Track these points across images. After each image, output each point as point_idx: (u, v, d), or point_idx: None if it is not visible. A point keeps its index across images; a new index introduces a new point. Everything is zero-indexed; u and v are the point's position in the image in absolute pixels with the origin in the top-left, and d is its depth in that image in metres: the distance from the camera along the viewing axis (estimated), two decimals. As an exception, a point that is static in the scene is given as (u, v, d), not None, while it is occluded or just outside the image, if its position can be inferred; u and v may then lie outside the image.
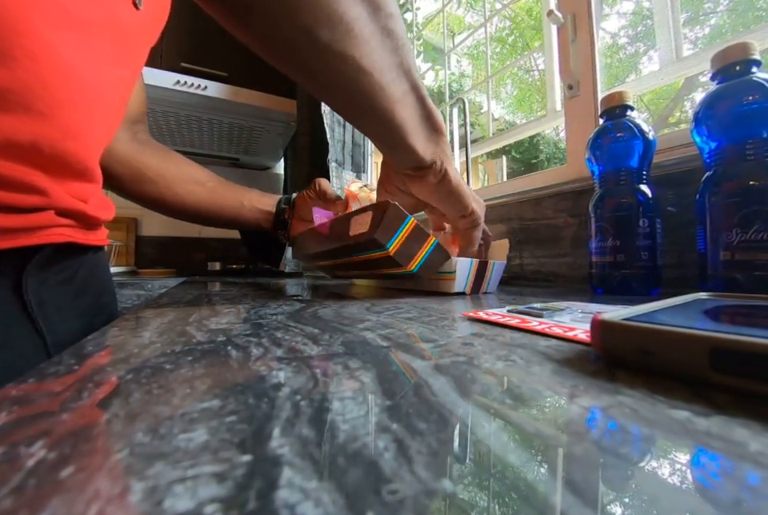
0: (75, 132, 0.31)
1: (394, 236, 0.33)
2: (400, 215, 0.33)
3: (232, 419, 0.09)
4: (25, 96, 0.27)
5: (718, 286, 0.32)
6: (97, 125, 0.34)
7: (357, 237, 0.35)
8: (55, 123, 0.29)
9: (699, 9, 6.02)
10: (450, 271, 0.38)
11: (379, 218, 0.33)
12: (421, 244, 0.35)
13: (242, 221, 0.60)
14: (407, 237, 0.34)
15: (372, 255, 0.36)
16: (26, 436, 0.08)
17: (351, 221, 0.37)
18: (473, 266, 0.39)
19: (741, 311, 0.17)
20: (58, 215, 0.31)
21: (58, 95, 0.28)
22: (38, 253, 0.30)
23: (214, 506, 0.06)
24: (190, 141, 1.52)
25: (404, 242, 0.34)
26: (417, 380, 0.12)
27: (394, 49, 0.30)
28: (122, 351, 0.15)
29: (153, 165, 0.51)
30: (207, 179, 0.57)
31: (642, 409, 0.09)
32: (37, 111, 0.27)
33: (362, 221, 0.35)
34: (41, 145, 0.28)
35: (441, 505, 0.06)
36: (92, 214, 0.35)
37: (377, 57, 0.29)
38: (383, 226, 0.33)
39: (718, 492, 0.06)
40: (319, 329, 0.20)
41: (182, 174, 0.54)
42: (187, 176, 0.55)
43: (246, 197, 0.59)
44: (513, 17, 6.22)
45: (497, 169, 4.61)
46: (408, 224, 0.34)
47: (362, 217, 0.35)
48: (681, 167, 0.44)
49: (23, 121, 0.27)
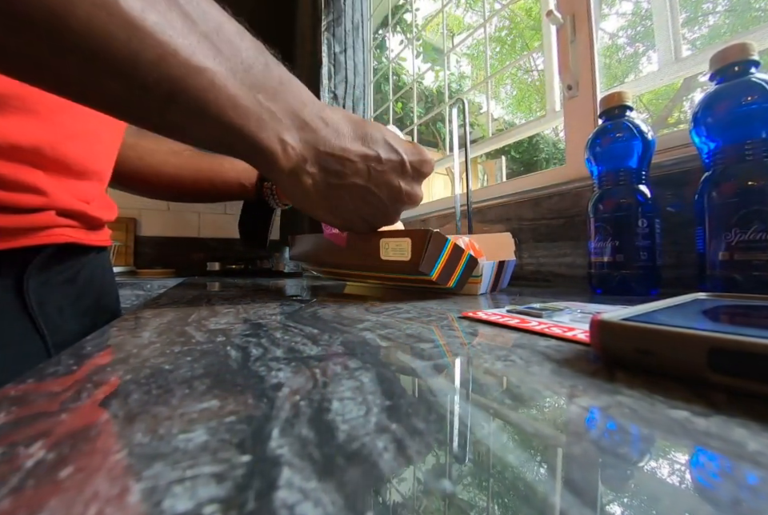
0: (75, 134, 0.31)
1: (436, 263, 0.33)
2: (441, 241, 0.33)
3: (231, 419, 0.09)
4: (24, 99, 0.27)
5: (717, 286, 0.32)
6: (98, 128, 0.34)
7: (392, 263, 0.34)
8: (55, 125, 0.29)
9: (698, 10, 6.02)
10: (477, 275, 0.38)
11: (422, 249, 0.32)
12: (458, 261, 0.34)
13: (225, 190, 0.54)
14: (447, 260, 0.33)
15: (407, 277, 0.35)
16: (24, 436, 0.08)
17: (381, 243, 0.35)
18: (494, 268, 0.40)
19: (739, 311, 0.17)
20: (58, 215, 0.31)
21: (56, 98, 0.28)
22: (39, 254, 0.30)
23: (213, 507, 0.06)
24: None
25: (444, 266, 0.33)
26: (416, 380, 0.12)
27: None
28: (121, 351, 0.15)
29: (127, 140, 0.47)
30: (183, 148, 0.52)
31: (641, 408, 0.09)
32: (37, 114, 0.27)
33: (398, 247, 0.33)
34: (41, 147, 0.28)
35: (440, 505, 0.06)
36: (94, 215, 0.35)
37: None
38: (427, 257, 0.32)
39: (717, 491, 0.06)
40: (319, 329, 0.20)
41: (156, 146, 0.50)
42: (163, 147, 0.51)
43: (226, 161, 0.53)
44: (512, 17, 6.23)
45: (496, 169, 4.62)
46: (448, 247, 0.33)
47: (397, 243, 0.34)
48: (680, 167, 0.44)
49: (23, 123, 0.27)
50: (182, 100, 0.20)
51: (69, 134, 0.30)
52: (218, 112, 0.21)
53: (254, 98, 0.22)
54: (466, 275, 0.36)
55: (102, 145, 0.36)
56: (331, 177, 0.27)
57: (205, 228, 1.70)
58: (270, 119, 0.23)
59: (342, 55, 1.24)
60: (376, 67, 1.44)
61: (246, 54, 0.22)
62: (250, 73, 0.22)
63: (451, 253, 0.34)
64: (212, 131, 0.22)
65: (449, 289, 0.36)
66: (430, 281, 0.34)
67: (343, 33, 1.24)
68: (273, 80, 0.23)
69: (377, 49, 1.75)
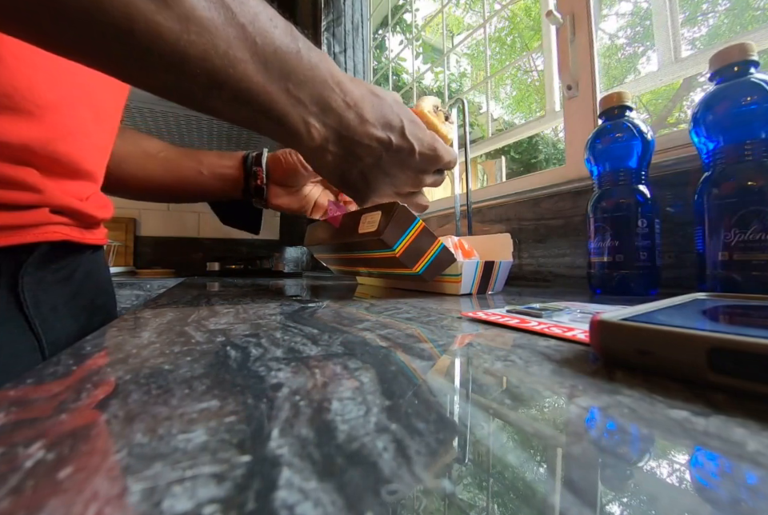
0: (67, 133, 0.31)
1: (401, 238, 0.33)
2: (408, 217, 0.33)
3: (231, 419, 0.09)
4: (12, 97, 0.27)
5: (717, 286, 0.32)
6: (89, 127, 0.34)
7: (365, 235, 0.35)
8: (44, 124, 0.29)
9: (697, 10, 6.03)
10: (456, 274, 0.38)
11: (387, 219, 0.33)
12: (427, 246, 0.35)
13: (206, 193, 0.53)
14: (414, 239, 0.34)
15: (379, 254, 0.36)
16: (24, 436, 0.08)
17: (361, 218, 0.37)
18: (479, 268, 0.39)
19: (739, 311, 0.17)
20: (52, 213, 0.31)
21: (45, 97, 0.28)
22: (34, 252, 0.30)
23: (212, 507, 0.06)
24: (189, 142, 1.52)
25: (411, 244, 0.34)
26: (416, 380, 0.12)
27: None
28: (120, 351, 0.15)
29: None
30: (159, 149, 0.50)
31: (640, 408, 0.09)
32: (26, 112, 0.27)
33: (371, 220, 0.35)
34: (32, 145, 0.28)
35: (440, 505, 0.06)
36: (89, 212, 0.35)
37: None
38: (391, 227, 0.33)
39: (717, 491, 0.06)
40: (318, 329, 0.20)
41: (131, 148, 0.48)
42: (137, 150, 0.49)
43: (203, 163, 0.51)
44: (511, 17, 6.23)
45: (496, 169, 4.62)
46: (416, 226, 0.34)
47: (372, 216, 0.35)
48: (679, 167, 0.44)
49: (12, 122, 0.27)
50: (220, 88, 0.23)
51: (61, 133, 0.30)
52: (249, 99, 0.24)
53: (284, 87, 0.25)
54: (438, 266, 0.36)
55: (95, 144, 0.36)
56: (349, 155, 0.30)
57: (204, 228, 1.70)
58: (297, 105, 0.26)
59: (342, 55, 1.24)
60: (376, 67, 1.44)
61: (279, 42, 0.24)
62: (282, 62, 0.24)
63: (419, 234, 0.34)
64: (244, 114, 0.25)
65: (415, 275, 0.36)
66: (402, 265, 0.35)
67: (343, 33, 1.24)
68: (303, 67, 0.25)
69: (377, 49, 1.75)
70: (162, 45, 0.20)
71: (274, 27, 0.24)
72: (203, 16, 0.20)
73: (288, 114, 0.26)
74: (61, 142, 0.30)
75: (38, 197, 0.29)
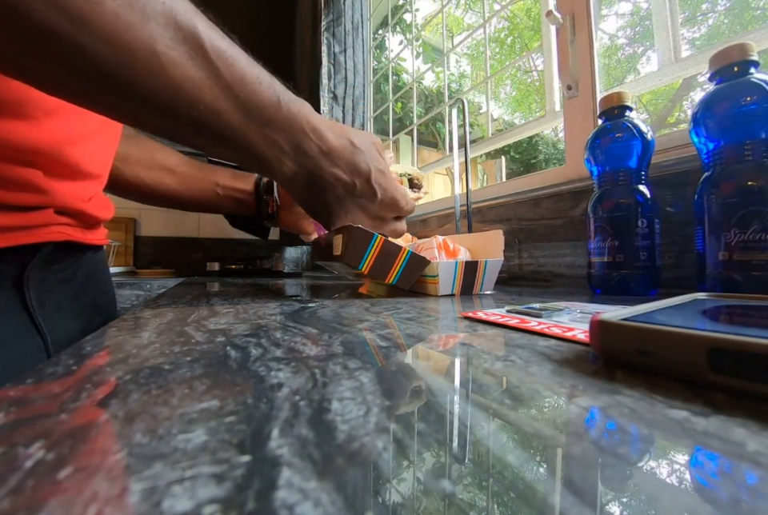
0: (72, 138, 0.31)
1: (363, 257, 0.34)
2: (366, 236, 0.34)
3: (231, 419, 0.09)
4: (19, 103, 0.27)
5: (717, 286, 0.32)
6: (94, 131, 0.34)
7: (337, 258, 0.36)
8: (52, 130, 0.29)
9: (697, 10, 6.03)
10: (433, 275, 0.38)
11: (345, 243, 0.34)
12: (393, 258, 0.35)
13: (220, 209, 0.58)
14: (378, 254, 0.35)
15: (356, 271, 0.37)
16: (24, 436, 0.08)
17: (334, 240, 0.37)
18: (458, 268, 0.39)
19: (739, 311, 0.17)
20: (57, 213, 0.31)
21: (53, 103, 0.28)
22: (38, 252, 0.31)
23: (212, 507, 0.06)
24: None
25: (375, 260, 0.35)
26: (416, 380, 0.12)
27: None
28: (120, 351, 0.15)
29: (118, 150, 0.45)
30: (176, 163, 0.53)
31: (640, 408, 0.09)
32: (32, 117, 0.28)
33: (337, 243, 0.36)
34: (39, 148, 0.28)
35: (440, 505, 0.06)
36: (91, 213, 0.35)
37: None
38: (350, 249, 0.33)
39: (717, 491, 0.06)
40: (318, 329, 0.20)
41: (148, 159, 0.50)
42: (155, 163, 0.51)
43: (219, 184, 0.55)
44: (511, 18, 6.23)
45: (496, 169, 4.62)
46: (376, 242, 0.34)
47: (338, 238, 0.36)
48: (679, 168, 0.44)
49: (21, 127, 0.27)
50: (206, 132, 0.26)
51: (66, 138, 0.31)
52: (232, 141, 0.28)
53: (263, 133, 0.28)
54: (412, 272, 0.37)
55: (99, 148, 0.36)
56: (316, 189, 0.34)
57: (204, 228, 1.70)
58: (272, 146, 0.29)
59: (342, 55, 1.24)
60: (376, 67, 1.44)
61: (261, 96, 0.27)
62: (261, 112, 0.28)
63: (382, 248, 0.35)
64: (225, 152, 0.29)
65: (391, 285, 0.37)
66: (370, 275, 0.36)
67: (343, 33, 1.24)
68: (281, 117, 0.29)
69: (376, 49, 1.74)
70: (155, 99, 0.23)
71: (258, 84, 0.27)
72: (194, 77, 0.23)
73: (264, 153, 0.29)
74: (67, 146, 0.31)
75: (44, 198, 0.29)
